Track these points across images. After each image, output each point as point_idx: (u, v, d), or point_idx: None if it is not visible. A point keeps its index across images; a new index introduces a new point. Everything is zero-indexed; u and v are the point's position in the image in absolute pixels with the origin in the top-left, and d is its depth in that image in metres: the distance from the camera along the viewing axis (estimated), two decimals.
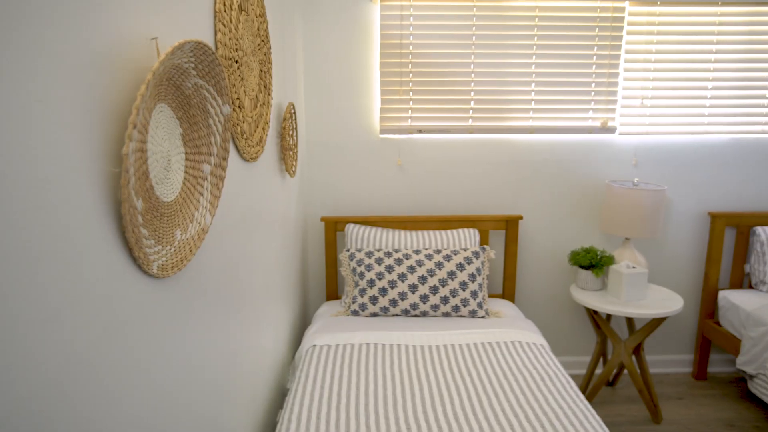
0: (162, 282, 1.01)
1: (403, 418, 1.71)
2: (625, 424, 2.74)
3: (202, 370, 1.24)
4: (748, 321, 2.75)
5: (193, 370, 1.17)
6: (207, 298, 1.26)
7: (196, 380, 1.19)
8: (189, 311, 1.15)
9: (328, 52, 2.81)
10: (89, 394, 0.77)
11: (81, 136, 0.75)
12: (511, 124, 2.90)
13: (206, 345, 1.26)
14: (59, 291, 0.70)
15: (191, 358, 1.16)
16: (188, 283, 1.14)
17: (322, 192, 2.95)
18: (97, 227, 0.79)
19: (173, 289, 1.06)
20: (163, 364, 1.02)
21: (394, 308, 2.52)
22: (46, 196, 0.68)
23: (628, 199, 2.69)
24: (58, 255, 0.70)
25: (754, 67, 2.93)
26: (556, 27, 2.82)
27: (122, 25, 0.86)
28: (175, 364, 1.07)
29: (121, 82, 0.86)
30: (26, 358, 0.64)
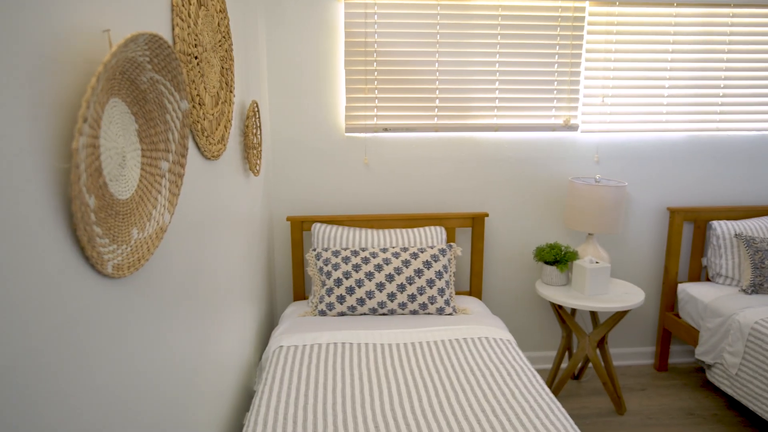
0: (118, 282, 0.97)
1: (371, 417, 1.70)
2: (590, 416, 2.79)
3: (163, 371, 1.20)
4: (706, 312, 2.84)
5: (153, 372, 1.14)
6: (167, 298, 1.23)
7: (156, 382, 1.16)
8: (148, 312, 1.12)
9: (293, 51, 2.78)
10: (38, 396, 0.74)
11: (28, 130, 0.71)
12: (475, 122, 2.92)
13: (167, 346, 1.23)
14: (4, 290, 0.67)
15: (151, 360, 1.13)
16: (147, 284, 1.11)
17: (288, 191, 2.92)
18: (47, 225, 0.75)
19: (130, 289, 1.03)
20: (121, 366, 0.99)
21: (361, 307, 2.51)
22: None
23: (590, 196, 2.74)
24: (3, 253, 0.67)
25: (708, 66, 3.03)
26: (518, 26, 2.85)
27: (72, 17, 0.83)
28: (133, 366, 1.04)
29: (72, 76, 0.83)
30: None
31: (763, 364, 2.44)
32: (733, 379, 2.62)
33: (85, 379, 0.86)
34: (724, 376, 2.69)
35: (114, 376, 0.96)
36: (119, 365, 0.98)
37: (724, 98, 3.08)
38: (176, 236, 1.30)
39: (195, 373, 1.45)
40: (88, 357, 0.87)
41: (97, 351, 0.90)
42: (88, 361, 0.87)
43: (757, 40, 3.03)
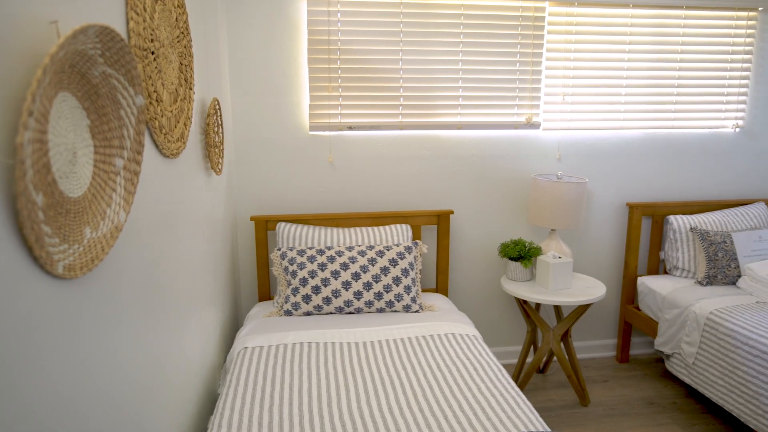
0: (70, 283, 0.94)
1: (338, 415, 1.69)
2: (555, 408, 2.84)
3: (120, 375, 1.17)
4: (664, 304, 2.92)
5: (108, 376, 1.10)
6: (124, 299, 1.20)
7: (112, 386, 1.12)
8: (103, 314, 1.08)
9: (255, 48, 2.74)
10: None
11: None
12: (439, 120, 2.94)
13: (124, 349, 1.19)
14: None
15: (106, 363, 1.09)
16: (101, 284, 1.07)
17: (252, 190, 2.87)
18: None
19: (84, 290, 0.99)
20: (74, 370, 0.95)
21: (327, 306, 2.49)
22: None
23: (552, 192, 2.79)
24: None
25: (662, 66, 3.12)
26: (481, 25, 2.88)
27: (18, 8, 0.79)
28: (87, 370, 1.00)
29: (18, 68, 0.79)
30: None
31: (718, 353, 2.53)
32: (690, 368, 2.71)
33: (34, 384, 0.83)
34: (682, 365, 2.78)
35: (66, 380, 0.92)
36: (72, 369, 0.95)
37: (678, 97, 3.18)
38: (133, 236, 1.26)
39: (155, 377, 1.42)
40: (37, 361, 0.83)
41: (48, 355, 0.87)
42: (38, 365, 0.83)
43: (707, 41, 3.13)
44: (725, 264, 2.93)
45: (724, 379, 2.49)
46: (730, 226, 3.10)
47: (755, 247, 2.96)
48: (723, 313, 2.57)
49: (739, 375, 2.41)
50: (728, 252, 2.94)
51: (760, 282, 2.76)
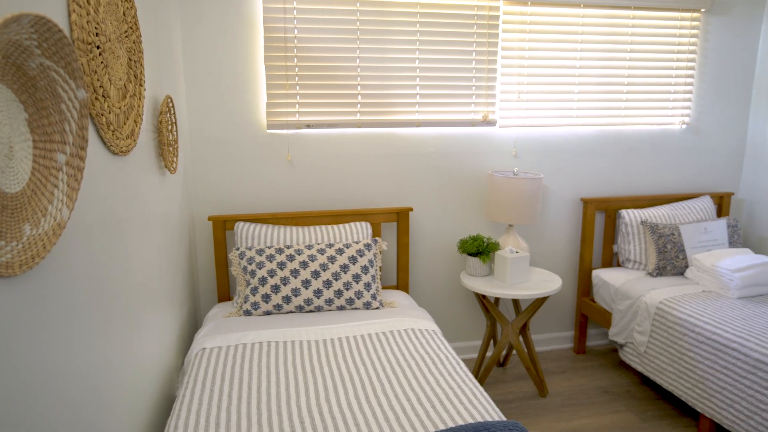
0: (8, 281, 0.91)
1: (296, 413, 1.68)
2: (515, 400, 2.89)
3: (65, 378, 1.14)
4: (617, 296, 3.01)
5: (51, 379, 1.07)
6: (70, 300, 1.16)
7: (57, 390, 1.09)
8: (46, 314, 1.05)
9: (210, 45, 2.70)
10: None
11: None
12: (397, 118, 2.96)
13: (70, 351, 1.16)
14: None
15: (49, 366, 1.06)
16: (44, 283, 1.04)
17: (209, 190, 2.83)
18: None
19: (24, 289, 0.96)
20: (12, 373, 0.92)
21: (287, 305, 2.48)
22: None
23: (509, 188, 2.84)
24: None
25: (613, 64, 3.22)
26: (437, 23, 2.91)
27: None
28: (27, 373, 0.97)
29: None
30: None
31: (667, 341, 2.63)
32: (642, 356, 2.80)
33: None
34: (634, 354, 2.87)
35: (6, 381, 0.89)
36: (9, 372, 0.92)
37: (628, 95, 3.28)
38: (80, 234, 1.23)
39: (106, 381, 1.38)
40: None
41: None
42: None
43: (655, 41, 3.25)
44: (674, 255, 3.04)
45: (673, 365, 2.59)
46: (678, 219, 3.22)
47: (701, 238, 3.08)
48: (671, 303, 2.67)
49: (687, 361, 2.50)
50: (676, 244, 3.05)
51: (705, 272, 2.88)
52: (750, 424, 2.20)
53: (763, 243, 3.50)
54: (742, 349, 2.25)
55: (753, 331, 2.31)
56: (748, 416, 2.20)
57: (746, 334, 2.30)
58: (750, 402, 2.20)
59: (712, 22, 3.33)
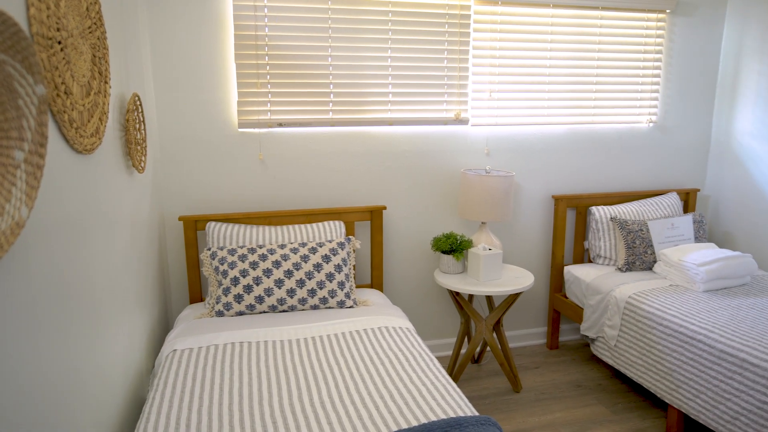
0: None
1: (269, 413, 1.67)
2: (489, 396, 2.92)
3: (25, 382, 1.11)
4: (588, 291, 3.06)
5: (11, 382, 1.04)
6: (29, 301, 1.13)
7: (16, 394, 1.06)
8: (4, 315, 1.02)
9: (180, 43, 2.66)
10: None
11: None
12: (370, 117, 2.96)
13: (29, 354, 1.13)
14: None
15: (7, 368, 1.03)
16: (1, 284, 1.01)
17: (180, 190, 2.79)
18: None
19: None
20: None
21: (260, 305, 2.46)
22: None
23: (481, 186, 2.86)
24: None
25: (582, 64, 3.27)
26: (408, 22, 2.92)
27: None
28: None
29: None
30: None
31: (636, 335, 2.68)
32: (613, 350, 2.85)
33: None
34: (605, 348, 2.92)
35: None
36: None
37: (597, 93, 3.34)
38: (41, 233, 1.20)
39: (69, 384, 1.35)
40: None
41: None
42: None
43: (622, 40, 3.31)
44: (642, 251, 3.10)
45: (642, 358, 2.64)
46: (646, 215, 3.29)
47: (668, 234, 3.15)
48: (640, 297, 2.72)
49: (656, 354, 2.56)
50: (645, 239, 3.12)
51: (672, 266, 2.94)
52: (715, 413, 2.25)
53: (728, 237, 3.59)
54: (707, 340, 2.30)
55: (717, 323, 2.37)
56: (714, 406, 2.26)
57: (711, 326, 2.36)
58: (715, 392, 2.25)
59: (676, 22, 3.41)
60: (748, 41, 3.36)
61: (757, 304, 2.59)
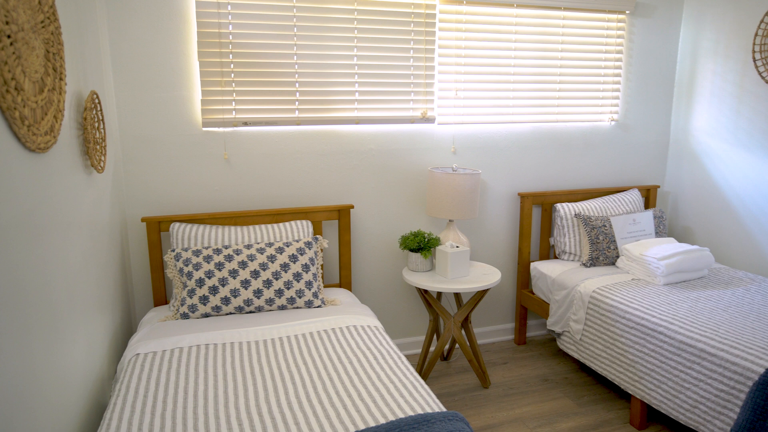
0: None
1: (234, 415, 1.64)
2: (458, 392, 2.94)
3: None
4: (554, 286, 3.11)
5: None
6: None
7: None
8: None
9: (140, 40, 2.60)
10: None
11: None
12: (337, 115, 2.95)
13: None
14: None
15: None
16: None
17: (142, 190, 2.73)
18: None
19: None
20: None
21: (226, 306, 2.42)
22: None
23: (448, 184, 2.88)
24: None
25: (546, 63, 3.32)
26: (374, 21, 2.92)
27: None
28: None
29: None
30: None
31: (601, 328, 2.73)
32: (578, 344, 2.91)
33: None
34: (571, 342, 2.97)
35: None
36: None
37: (561, 92, 3.40)
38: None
39: (26, 392, 1.30)
40: None
41: None
42: None
43: (584, 40, 3.38)
44: (605, 246, 3.17)
45: (606, 351, 2.70)
46: (609, 211, 3.37)
47: (630, 229, 3.23)
48: (604, 291, 2.78)
49: (619, 346, 2.61)
50: (608, 235, 3.18)
51: (634, 261, 3.01)
52: (676, 402, 2.32)
53: (686, 232, 3.70)
54: (668, 332, 2.37)
55: (677, 315, 2.44)
56: (674, 395, 2.32)
57: (671, 318, 2.42)
58: (675, 382, 2.32)
59: (636, 23, 3.49)
60: (704, 42, 3.47)
61: (714, 296, 2.67)
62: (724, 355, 2.13)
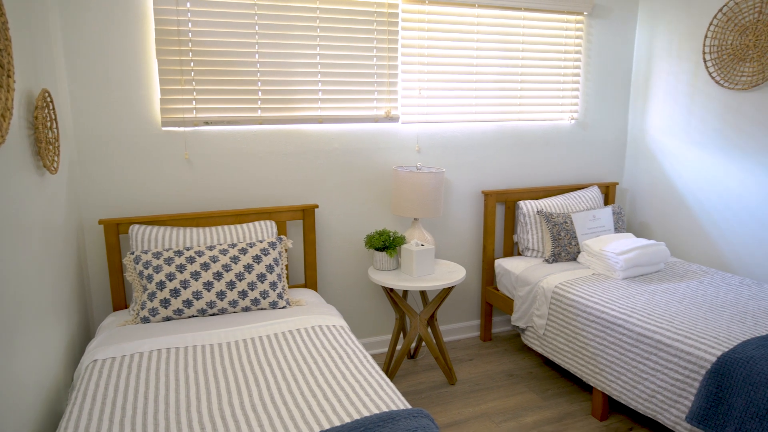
0: None
1: (197, 419, 1.61)
2: (425, 390, 2.95)
3: None
4: (518, 282, 3.16)
5: None
6: None
7: None
8: None
9: (96, 37, 2.52)
10: None
11: None
12: (300, 114, 2.92)
13: None
14: None
15: None
16: None
17: (100, 191, 2.65)
18: None
19: None
20: None
21: (189, 309, 2.37)
22: None
23: (413, 183, 2.89)
24: None
25: (507, 63, 3.37)
26: (337, 20, 2.91)
27: None
28: None
29: None
30: None
31: (563, 323, 2.79)
32: (541, 338, 2.96)
33: None
34: (534, 337, 3.02)
35: None
36: None
37: (522, 91, 3.45)
38: None
39: None
40: None
41: None
42: None
43: (544, 41, 3.44)
44: (567, 242, 3.24)
45: (569, 345, 2.76)
46: (570, 208, 3.44)
47: (590, 225, 3.30)
48: (566, 286, 2.83)
49: (581, 340, 2.67)
50: (569, 231, 3.25)
51: (594, 256, 3.09)
52: (634, 392, 2.38)
53: (644, 227, 3.81)
54: (626, 324, 2.43)
55: (635, 308, 2.51)
56: (633, 386, 2.39)
57: (629, 311, 2.49)
58: (634, 373, 2.38)
59: (593, 24, 3.58)
60: (658, 44, 3.58)
61: (670, 289, 2.76)
62: (679, 346, 2.20)
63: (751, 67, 3.00)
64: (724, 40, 3.12)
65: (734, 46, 3.07)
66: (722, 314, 2.41)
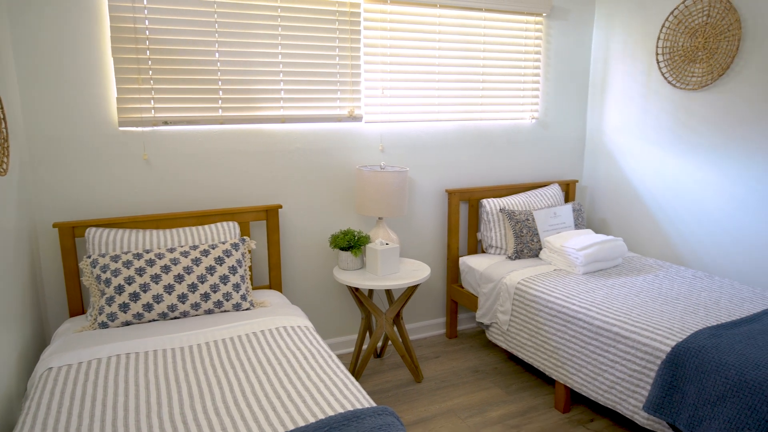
0: None
1: (157, 424, 1.58)
2: (392, 388, 2.96)
3: None
4: (482, 279, 3.20)
5: None
6: None
7: None
8: None
9: (47, 35, 2.44)
10: None
11: None
12: (262, 114, 2.89)
13: None
14: None
15: None
16: None
17: (54, 194, 2.57)
18: None
19: None
20: None
21: (149, 313, 2.32)
22: None
23: (376, 182, 2.90)
24: None
25: (469, 63, 3.41)
26: (298, 19, 2.89)
27: None
28: None
29: None
30: None
31: (526, 318, 2.84)
32: (505, 334, 3.01)
33: None
34: (499, 333, 3.07)
35: None
36: None
37: (484, 91, 3.50)
38: None
39: None
40: None
41: None
42: None
43: (505, 41, 3.49)
44: (529, 239, 3.30)
45: (532, 340, 2.81)
46: (532, 205, 3.50)
47: (552, 222, 3.37)
48: (528, 282, 2.89)
49: (543, 334, 2.73)
50: (531, 228, 3.31)
51: (555, 252, 3.15)
52: (595, 384, 2.44)
53: (603, 224, 3.91)
54: (586, 318, 2.49)
55: (594, 302, 2.58)
56: (593, 378, 2.45)
57: (589, 305, 2.55)
58: (594, 365, 2.44)
59: (552, 25, 3.65)
60: (614, 45, 3.68)
61: (627, 283, 2.84)
62: (636, 337, 2.27)
63: (700, 68, 3.12)
64: (675, 42, 3.24)
65: (685, 48, 3.18)
66: (676, 306, 2.50)
